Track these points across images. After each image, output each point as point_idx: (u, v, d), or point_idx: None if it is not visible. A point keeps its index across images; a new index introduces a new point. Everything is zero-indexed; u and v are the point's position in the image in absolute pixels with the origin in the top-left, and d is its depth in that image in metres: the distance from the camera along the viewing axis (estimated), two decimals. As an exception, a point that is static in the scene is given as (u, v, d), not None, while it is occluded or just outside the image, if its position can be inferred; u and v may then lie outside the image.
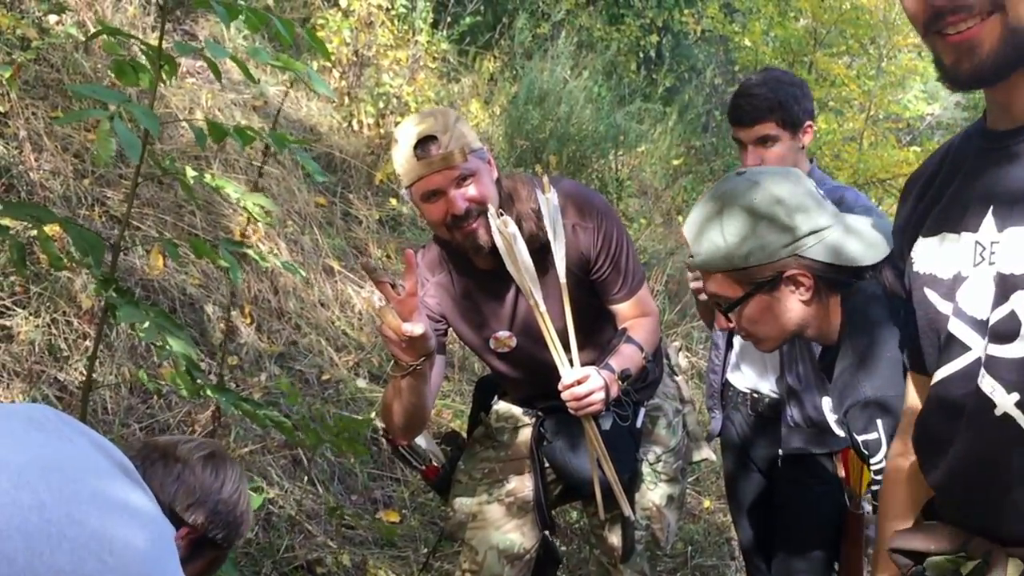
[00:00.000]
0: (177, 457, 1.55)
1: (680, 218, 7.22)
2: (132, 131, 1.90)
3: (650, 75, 9.17)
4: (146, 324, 1.95)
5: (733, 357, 2.89)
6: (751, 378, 2.84)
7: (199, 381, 2.15)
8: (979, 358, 1.26)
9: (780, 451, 2.68)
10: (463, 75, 7.23)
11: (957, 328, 1.29)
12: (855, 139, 7.92)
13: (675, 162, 8.21)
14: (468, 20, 7.07)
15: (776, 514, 2.79)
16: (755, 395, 2.83)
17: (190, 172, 2.17)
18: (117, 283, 2.03)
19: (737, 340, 2.84)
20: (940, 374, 1.32)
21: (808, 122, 2.68)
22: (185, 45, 2.15)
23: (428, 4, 6.40)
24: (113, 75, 2.02)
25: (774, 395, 2.76)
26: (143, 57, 2.06)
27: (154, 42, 2.02)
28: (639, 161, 7.82)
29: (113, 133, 1.84)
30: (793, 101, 2.63)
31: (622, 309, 2.41)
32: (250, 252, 2.29)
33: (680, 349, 2.92)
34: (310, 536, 3.43)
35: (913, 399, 1.52)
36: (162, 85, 2.44)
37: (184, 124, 4.09)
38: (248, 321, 4.12)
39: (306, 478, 3.67)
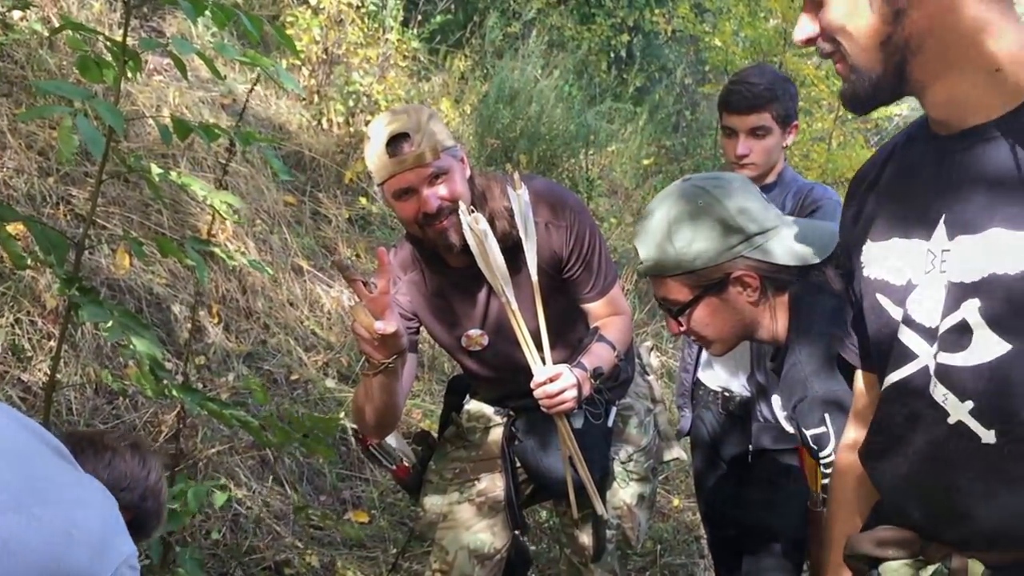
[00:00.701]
0: (106, 445, 1.63)
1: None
2: (97, 128, 1.87)
3: (621, 75, 9.21)
4: (110, 323, 1.93)
5: (705, 355, 2.90)
6: (722, 377, 2.85)
7: (164, 381, 2.12)
8: (926, 366, 1.26)
9: (751, 447, 2.69)
10: (433, 74, 7.21)
11: (906, 335, 1.29)
12: (824, 139, 7.95)
13: (645, 162, 8.23)
14: (439, 19, 7.06)
15: (746, 512, 2.80)
16: (726, 394, 2.84)
17: (156, 170, 2.14)
18: (81, 282, 2.00)
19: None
20: (890, 380, 1.33)
21: (795, 121, 2.71)
22: (150, 41, 2.12)
23: (399, 2, 6.36)
24: (77, 71, 1.99)
25: (745, 393, 2.77)
26: (109, 54, 2.04)
27: (119, 39, 1.99)
28: (609, 161, 7.84)
29: (75, 130, 1.81)
30: (788, 98, 2.66)
31: (594, 308, 2.41)
32: (217, 251, 2.26)
33: (652, 349, 2.92)
34: (278, 537, 3.40)
35: (861, 394, 1.52)
36: (129, 83, 2.41)
37: (151, 122, 4.04)
38: (216, 321, 4.07)
39: (272, 478, 3.63)
